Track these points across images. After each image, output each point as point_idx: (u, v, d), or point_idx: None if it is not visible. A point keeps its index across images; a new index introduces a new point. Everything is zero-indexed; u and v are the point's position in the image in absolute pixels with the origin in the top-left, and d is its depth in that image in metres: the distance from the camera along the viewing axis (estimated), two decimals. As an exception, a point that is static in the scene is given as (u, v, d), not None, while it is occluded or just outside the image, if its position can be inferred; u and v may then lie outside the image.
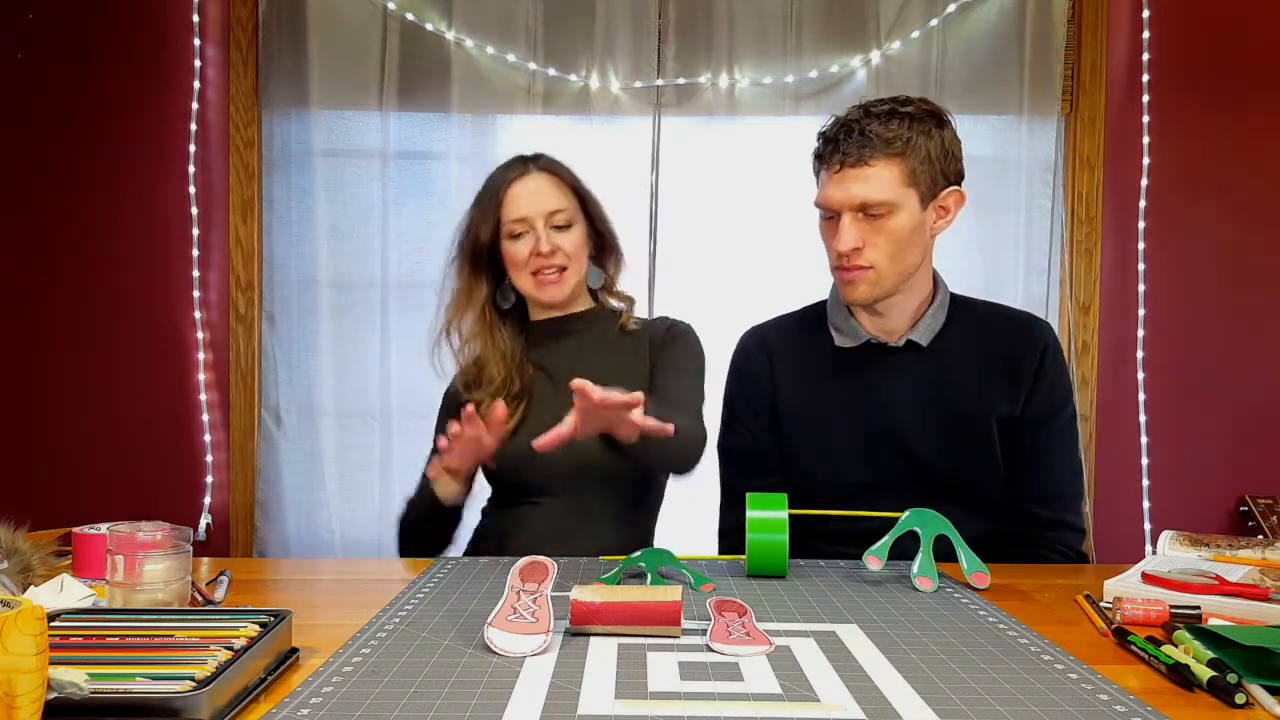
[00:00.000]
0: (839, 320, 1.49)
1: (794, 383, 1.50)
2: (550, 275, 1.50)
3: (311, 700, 0.76)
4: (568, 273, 1.51)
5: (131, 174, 2.50)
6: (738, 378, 1.57)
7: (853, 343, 1.47)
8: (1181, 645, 0.90)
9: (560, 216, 1.50)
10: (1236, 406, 2.51)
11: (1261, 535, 2.28)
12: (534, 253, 1.48)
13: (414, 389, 2.42)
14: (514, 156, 1.57)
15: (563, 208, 1.50)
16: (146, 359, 2.51)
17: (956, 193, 1.41)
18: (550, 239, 1.48)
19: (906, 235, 1.37)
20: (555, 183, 1.52)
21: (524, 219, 1.49)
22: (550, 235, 1.48)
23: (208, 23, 2.49)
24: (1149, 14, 2.47)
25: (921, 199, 1.37)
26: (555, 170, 1.54)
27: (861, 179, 1.35)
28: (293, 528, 2.50)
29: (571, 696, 0.78)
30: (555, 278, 1.50)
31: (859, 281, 1.39)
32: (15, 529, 1.09)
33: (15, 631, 0.61)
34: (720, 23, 2.46)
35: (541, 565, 0.99)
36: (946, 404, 1.43)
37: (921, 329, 1.45)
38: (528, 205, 1.49)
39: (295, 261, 2.49)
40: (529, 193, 1.50)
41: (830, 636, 0.95)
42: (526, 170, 1.52)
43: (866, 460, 1.45)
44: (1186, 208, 2.51)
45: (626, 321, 1.58)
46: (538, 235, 1.48)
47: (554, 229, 1.49)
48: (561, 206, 1.50)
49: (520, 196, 1.50)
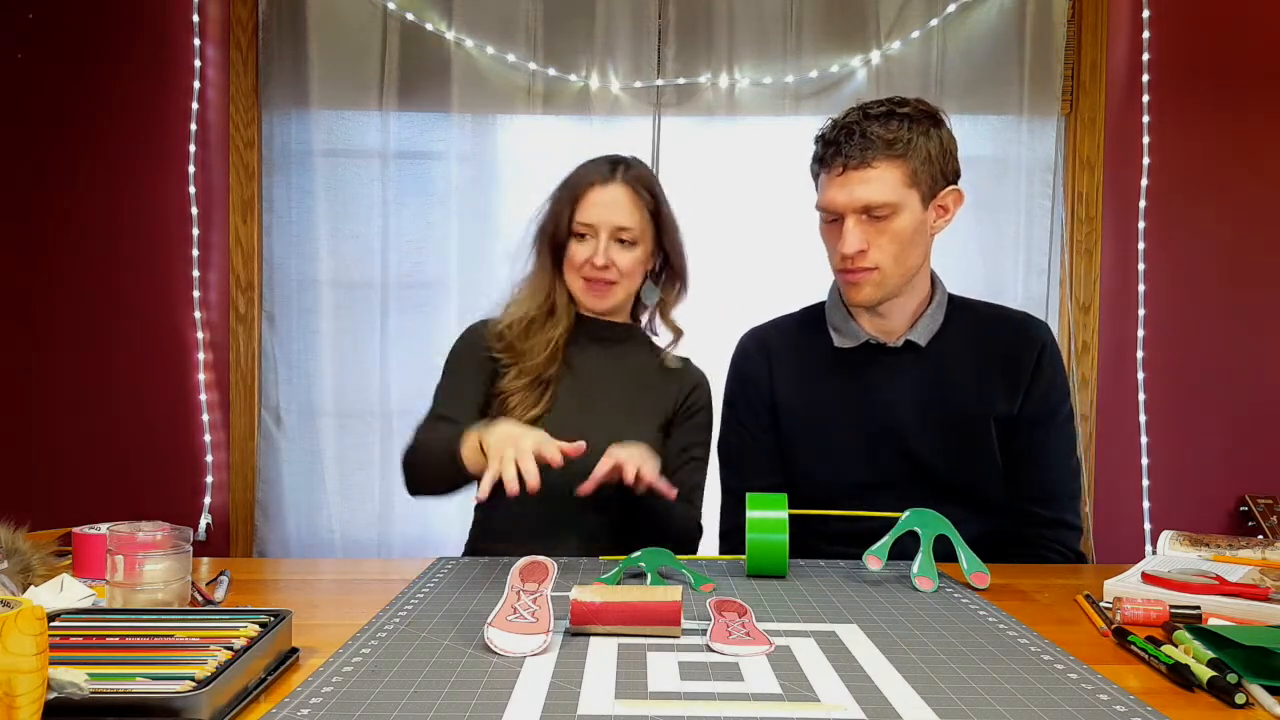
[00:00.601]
0: (838, 321, 1.49)
1: (793, 383, 1.50)
2: (600, 287, 1.50)
3: (311, 700, 0.76)
4: (616, 287, 1.50)
5: (131, 174, 2.50)
6: (737, 378, 1.57)
7: (852, 343, 1.47)
8: (1181, 645, 0.90)
9: (627, 234, 1.49)
10: (1236, 406, 2.51)
11: (1261, 535, 2.28)
12: (589, 260, 1.48)
13: (414, 389, 2.42)
14: (608, 156, 1.55)
15: (631, 226, 1.49)
16: (146, 359, 2.51)
17: (955, 192, 1.41)
18: (608, 253, 1.47)
19: (909, 236, 1.37)
20: (633, 199, 1.50)
21: (591, 225, 1.48)
22: (610, 248, 1.48)
23: (208, 23, 2.49)
24: (1149, 14, 2.47)
25: (922, 199, 1.37)
26: (638, 186, 1.51)
27: (864, 181, 1.35)
28: (293, 528, 2.50)
29: (571, 696, 0.78)
30: (604, 290, 1.50)
31: (864, 283, 1.39)
32: (15, 529, 1.09)
33: (15, 631, 0.61)
34: (720, 23, 2.46)
35: (541, 565, 0.99)
36: (945, 404, 1.43)
37: (920, 329, 1.45)
38: (599, 214, 1.48)
39: (295, 261, 2.49)
40: (604, 203, 1.48)
41: (830, 636, 0.95)
42: (611, 178, 1.50)
43: (866, 460, 1.45)
44: (1186, 208, 2.51)
45: (665, 358, 1.58)
46: (598, 246, 1.47)
47: (618, 243, 1.49)
48: (630, 225, 1.49)
49: (594, 204, 1.48)
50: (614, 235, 1.48)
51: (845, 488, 1.44)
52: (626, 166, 1.53)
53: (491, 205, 2.48)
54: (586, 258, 1.48)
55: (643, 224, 1.51)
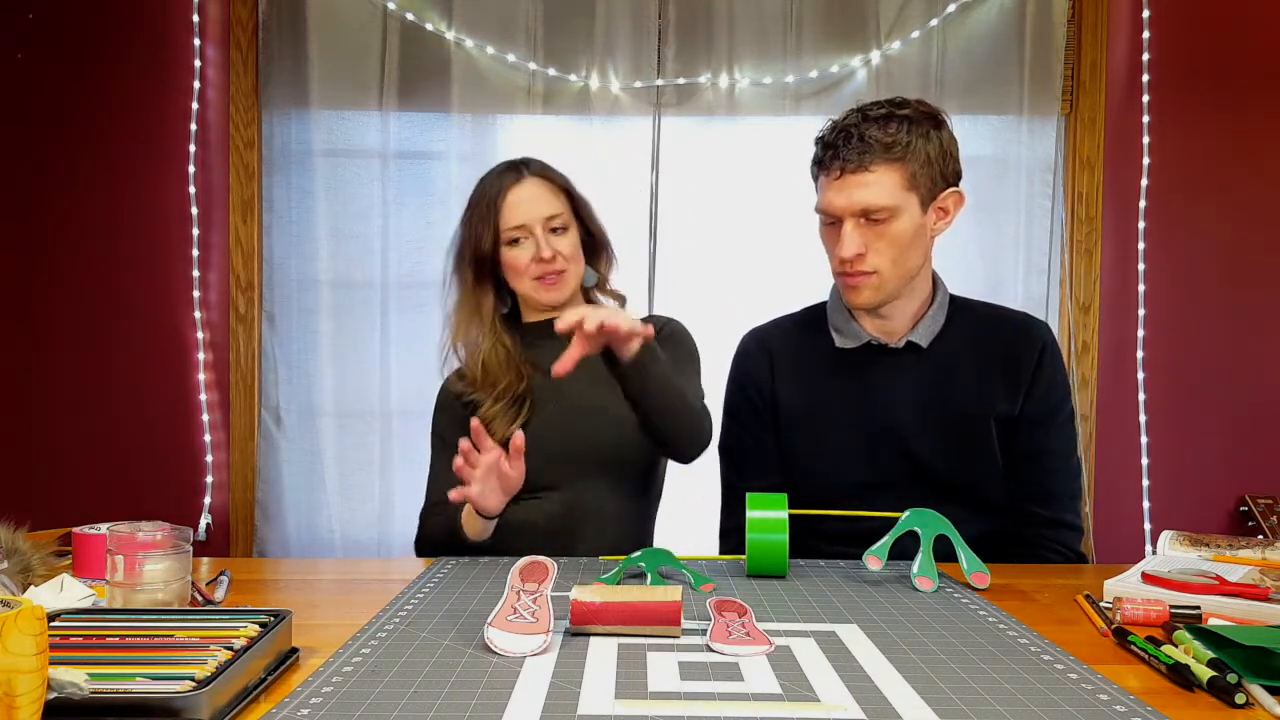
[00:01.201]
0: (839, 321, 1.49)
1: (794, 383, 1.50)
2: (552, 279, 1.51)
3: (311, 700, 0.76)
4: (567, 274, 1.52)
5: (131, 174, 2.50)
6: (738, 378, 1.57)
7: (853, 344, 1.47)
8: (1181, 645, 0.90)
9: (557, 220, 1.51)
10: (1236, 406, 2.51)
11: (1261, 535, 2.28)
12: (535, 259, 1.49)
13: (414, 389, 2.42)
14: (503, 163, 1.57)
15: (558, 212, 1.51)
16: (146, 359, 2.51)
17: (955, 193, 1.41)
18: (550, 244, 1.49)
19: (908, 239, 1.37)
20: (549, 187, 1.53)
21: (523, 225, 1.49)
22: (549, 240, 1.50)
23: (208, 23, 2.49)
24: (1149, 14, 2.47)
25: (922, 202, 1.37)
26: (548, 175, 1.55)
27: (862, 184, 1.35)
28: (293, 528, 2.50)
29: (571, 696, 0.78)
30: (556, 281, 1.51)
31: (862, 287, 1.39)
32: (15, 529, 1.09)
33: (15, 631, 0.61)
34: (720, 23, 2.46)
35: (541, 565, 0.99)
36: (946, 404, 1.43)
37: (921, 330, 1.45)
38: (526, 212, 1.50)
39: (295, 261, 2.49)
40: (526, 200, 1.50)
41: (830, 636, 0.95)
42: (521, 176, 1.52)
43: (866, 460, 1.45)
44: (1186, 208, 2.51)
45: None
46: (538, 241, 1.49)
47: (552, 233, 1.51)
48: (557, 211, 1.51)
49: (517, 204, 1.50)
50: (546, 226, 1.50)
51: (846, 488, 1.44)
52: (526, 164, 1.55)
53: (491, 205, 2.47)
54: (531, 256, 1.49)
55: (566, 208, 1.53)
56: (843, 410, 1.46)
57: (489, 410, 1.49)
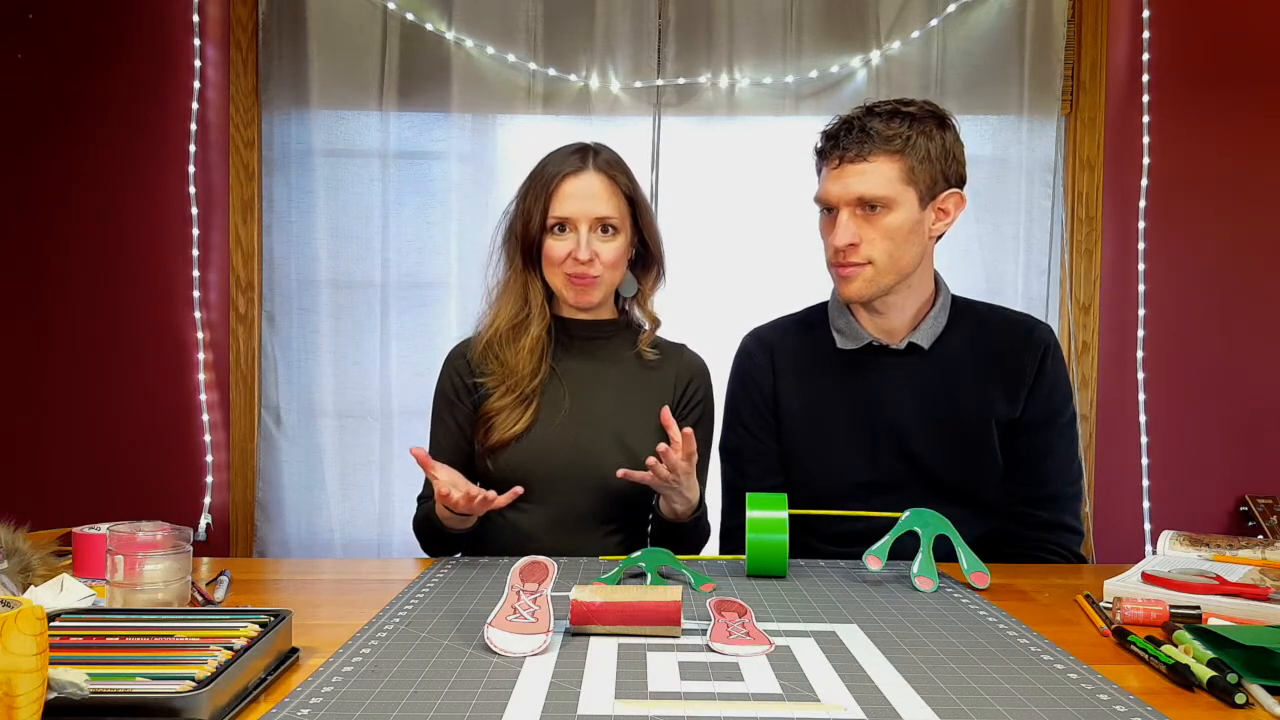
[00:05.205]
0: (840, 322, 1.49)
1: (795, 384, 1.50)
2: (583, 281, 1.43)
3: (311, 700, 0.76)
4: (601, 280, 1.44)
5: (131, 174, 2.49)
6: (739, 379, 1.57)
7: (854, 344, 1.47)
8: (1181, 645, 0.90)
9: (608, 222, 1.42)
10: (1236, 406, 2.51)
11: (1261, 535, 2.28)
12: (571, 255, 1.41)
13: (414, 389, 2.43)
14: (575, 145, 1.48)
15: (611, 214, 1.42)
16: (146, 359, 2.51)
17: (957, 195, 1.41)
18: (591, 245, 1.41)
19: (904, 233, 1.37)
20: (609, 186, 1.44)
21: (569, 218, 1.42)
22: (591, 241, 1.41)
23: (208, 23, 2.49)
24: (1149, 14, 2.47)
25: (920, 198, 1.37)
26: (613, 172, 1.45)
27: (859, 174, 1.35)
28: (293, 528, 2.50)
29: (571, 696, 0.78)
30: (587, 285, 1.43)
31: (854, 277, 1.39)
32: (15, 529, 1.09)
33: (15, 631, 0.61)
34: (720, 23, 2.46)
35: (541, 565, 0.99)
36: (947, 406, 1.43)
37: (923, 331, 1.45)
38: (576, 206, 1.41)
39: (295, 261, 2.49)
40: (580, 194, 1.42)
41: (830, 636, 0.95)
42: (584, 166, 1.43)
43: (867, 461, 1.45)
44: (1186, 208, 2.50)
45: (644, 347, 1.51)
46: (579, 239, 1.41)
47: (599, 233, 1.42)
48: (610, 213, 1.42)
49: (570, 196, 1.42)
50: (594, 226, 1.42)
51: (846, 488, 1.44)
52: (596, 153, 1.46)
53: (491, 205, 2.46)
54: (568, 252, 1.41)
55: (621, 211, 1.44)
56: (844, 411, 1.46)
57: (496, 402, 1.44)
